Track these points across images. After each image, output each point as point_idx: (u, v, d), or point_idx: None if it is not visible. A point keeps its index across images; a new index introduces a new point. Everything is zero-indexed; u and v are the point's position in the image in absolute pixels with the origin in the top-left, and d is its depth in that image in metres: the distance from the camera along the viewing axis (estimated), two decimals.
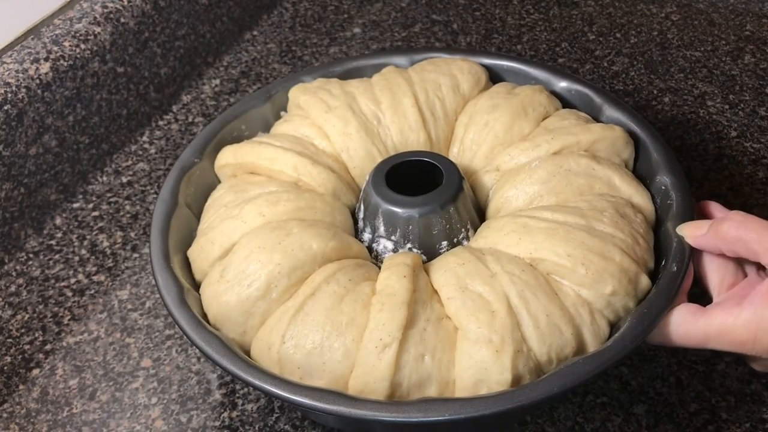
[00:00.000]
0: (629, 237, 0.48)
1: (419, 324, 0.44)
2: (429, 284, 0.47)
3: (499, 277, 0.45)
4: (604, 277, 0.46)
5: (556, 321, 0.44)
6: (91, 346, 0.57)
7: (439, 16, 0.88)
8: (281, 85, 0.61)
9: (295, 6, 0.91)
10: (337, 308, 0.45)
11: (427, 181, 0.52)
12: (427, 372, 0.44)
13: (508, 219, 0.50)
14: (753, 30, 0.82)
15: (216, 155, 0.57)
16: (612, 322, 0.47)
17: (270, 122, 0.61)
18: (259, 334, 0.47)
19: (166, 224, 0.52)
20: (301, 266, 0.47)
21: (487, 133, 0.56)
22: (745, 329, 0.43)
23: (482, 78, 0.60)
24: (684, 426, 0.50)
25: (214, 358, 0.44)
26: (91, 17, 0.69)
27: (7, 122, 0.61)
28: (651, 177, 0.54)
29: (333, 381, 0.44)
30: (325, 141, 0.56)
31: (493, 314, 0.44)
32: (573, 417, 0.51)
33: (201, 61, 0.81)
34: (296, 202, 0.51)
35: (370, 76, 0.62)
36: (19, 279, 0.62)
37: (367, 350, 0.43)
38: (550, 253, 0.46)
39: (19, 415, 0.53)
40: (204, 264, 0.50)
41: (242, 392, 0.53)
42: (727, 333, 0.43)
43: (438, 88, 0.58)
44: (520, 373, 0.43)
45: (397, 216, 0.50)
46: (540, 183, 0.51)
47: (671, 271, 0.46)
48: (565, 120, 0.56)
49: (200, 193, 0.56)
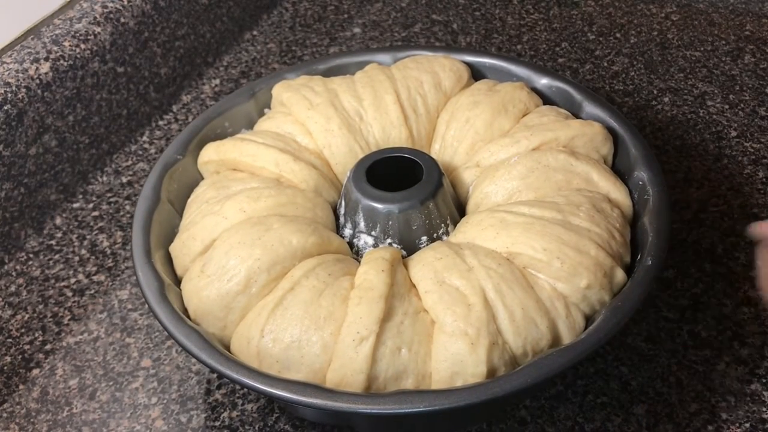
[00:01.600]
0: (605, 231, 0.48)
1: (396, 317, 0.45)
2: (407, 278, 0.47)
3: (475, 271, 0.46)
4: (580, 271, 0.46)
5: (531, 314, 0.45)
6: (91, 346, 0.57)
7: (439, 16, 0.88)
8: (265, 82, 0.62)
9: (295, 6, 0.91)
10: (316, 302, 0.45)
11: (407, 177, 0.52)
12: (404, 365, 0.44)
13: (486, 214, 0.50)
14: (753, 30, 0.82)
15: (199, 152, 0.58)
16: (587, 315, 0.47)
17: (254, 119, 0.61)
18: (239, 328, 0.47)
19: (147, 220, 0.52)
20: (281, 261, 0.47)
21: (467, 129, 0.56)
22: None
23: (464, 75, 0.60)
24: (684, 426, 0.50)
25: (193, 353, 0.45)
26: (91, 17, 0.68)
27: (7, 122, 0.61)
28: (629, 172, 0.54)
29: (311, 374, 0.44)
30: (307, 137, 0.56)
31: (469, 307, 0.45)
32: (573, 417, 0.51)
33: (201, 61, 0.81)
34: (277, 198, 0.51)
35: (353, 73, 0.62)
36: (19, 279, 0.62)
37: (344, 343, 0.44)
38: (526, 247, 0.47)
39: (19, 415, 0.53)
40: (185, 259, 0.51)
41: (242, 392, 0.53)
42: None
43: (420, 85, 0.58)
44: (495, 365, 0.44)
45: (377, 211, 0.50)
46: (519, 179, 0.52)
47: (646, 265, 0.47)
48: (544, 116, 0.56)
49: (183, 190, 0.56)
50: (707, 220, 0.62)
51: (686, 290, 0.58)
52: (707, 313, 0.56)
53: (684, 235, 0.61)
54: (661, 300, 0.57)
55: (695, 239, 0.61)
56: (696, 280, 0.58)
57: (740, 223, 0.62)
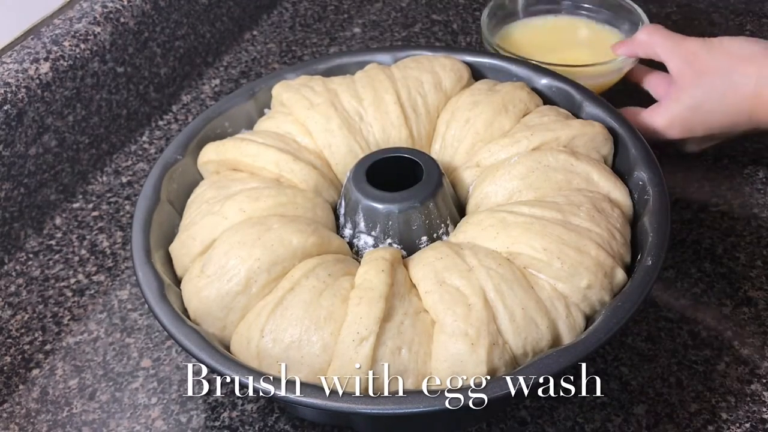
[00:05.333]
0: (605, 231, 0.49)
1: (397, 317, 0.45)
2: (407, 278, 0.48)
3: (476, 271, 0.46)
4: (580, 271, 0.46)
5: (531, 314, 0.45)
6: (91, 346, 0.57)
7: (439, 16, 0.88)
8: (265, 82, 0.62)
9: (295, 6, 0.91)
10: (316, 303, 0.45)
11: (407, 177, 0.52)
12: (404, 365, 0.44)
13: (486, 214, 0.50)
14: (753, 30, 0.82)
15: (199, 152, 0.58)
16: (588, 315, 0.47)
17: (254, 119, 0.61)
18: (239, 328, 0.47)
19: (147, 220, 0.52)
20: (281, 261, 0.47)
21: (468, 129, 0.56)
22: (663, 120, 0.62)
23: (464, 75, 0.60)
24: (684, 426, 0.50)
25: (193, 352, 0.45)
26: (91, 17, 0.68)
27: (7, 122, 0.61)
28: (629, 172, 0.54)
29: (311, 374, 0.45)
30: (307, 137, 0.56)
31: (469, 308, 0.45)
32: (573, 417, 0.51)
33: (201, 61, 0.81)
34: (277, 198, 0.51)
35: (353, 73, 0.62)
36: (19, 279, 0.62)
37: (344, 343, 0.44)
38: (526, 247, 0.47)
39: (19, 415, 0.53)
40: (185, 259, 0.51)
41: (242, 392, 0.53)
42: (653, 130, 0.62)
43: (420, 85, 0.58)
44: (495, 365, 0.44)
45: (377, 211, 0.50)
46: (519, 179, 0.52)
47: (646, 265, 0.47)
48: (545, 116, 0.56)
49: (183, 190, 0.56)
50: (707, 220, 0.62)
51: (686, 290, 0.58)
52: (707, 313, 0.56)
53: (684, 235, 0.61)
54: (661, 300, 0.57)
55: (695, 239, 0.61)
56: (696, 280, 0.58)
57: (740, 223, 0.62)
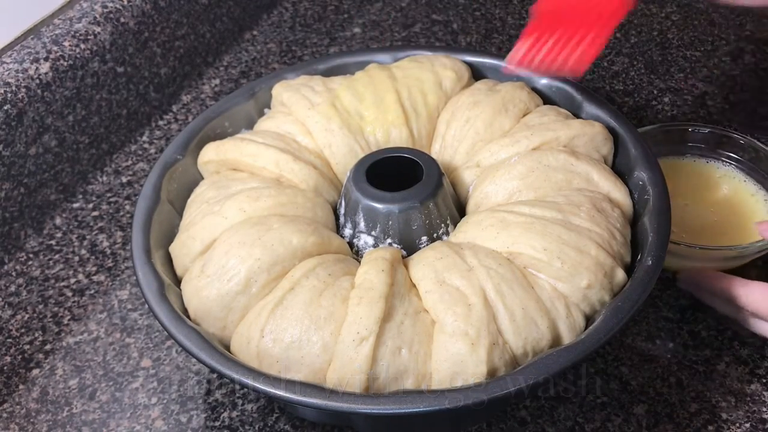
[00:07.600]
0: (606, 231, 0.49)
1: (397, 317, 0.45)
2: (407, 278, 0.47)
3: (476, 271, 0.46)
4: (580, 271, 0.46)
5: (531, 314, 0.45)
6: (91, 346, 0.57)
7: (439, 16, 0.88)
8: (265, 82, 0.62)
9: (295, 6, 0.91)
10: (316, 302, 0.45)
11: (407, 177, 0.52)
12: (404, 365, 0.44)
13: (486, 214, 0.50)
14: (753, 30, 0.82)
15: (199, 152, 0.58)
16: (588, 315, 0.47)
17: (254, 119, 0.61)
18: (239, 328, 0.47)
19: (147, 220, 0.52)
20: (281, 261, 0.47)
21: (468, 129, 0.56)
22: None
23: (465, 75, 0.60)
24: (684, 426, 0.50)
25: (193, 352, 0.45)
26: (91, 17, 0.68)
27: (7, 122, 0.61)
28: (629, 172, 0.54)
29: (311, 374, 0.45)
30: (307, 137, 0.56)
31: (469, 307, 0.45)
32: (573, 417, 0.51)
33: (201, 61, 0.81)
34: (277, 198, 0.51)
35: (353, 73, 0.62)
36: (19, 279, 0.62)
37: (344, 343, 0.44)
38: (526, 247, 0.47)
39: (19, 415, 0.53)
40: (185, 259, 0.51)
41: (242, 392, 0.53)
42: None
43: (421, 84, 0.58)
44: (495, 365, 0.44)
45: (377, 211, 0.50)
46: (519, 178, 0.52)
47: (646, 265, 0.47)
48: (545, 116, 0.56)
49: (183, 190, 0.56)
50: None
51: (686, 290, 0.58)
52: (707, 313, 0.56)
53: None
54: (661, 300, 0.57)
55: None
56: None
57: None
